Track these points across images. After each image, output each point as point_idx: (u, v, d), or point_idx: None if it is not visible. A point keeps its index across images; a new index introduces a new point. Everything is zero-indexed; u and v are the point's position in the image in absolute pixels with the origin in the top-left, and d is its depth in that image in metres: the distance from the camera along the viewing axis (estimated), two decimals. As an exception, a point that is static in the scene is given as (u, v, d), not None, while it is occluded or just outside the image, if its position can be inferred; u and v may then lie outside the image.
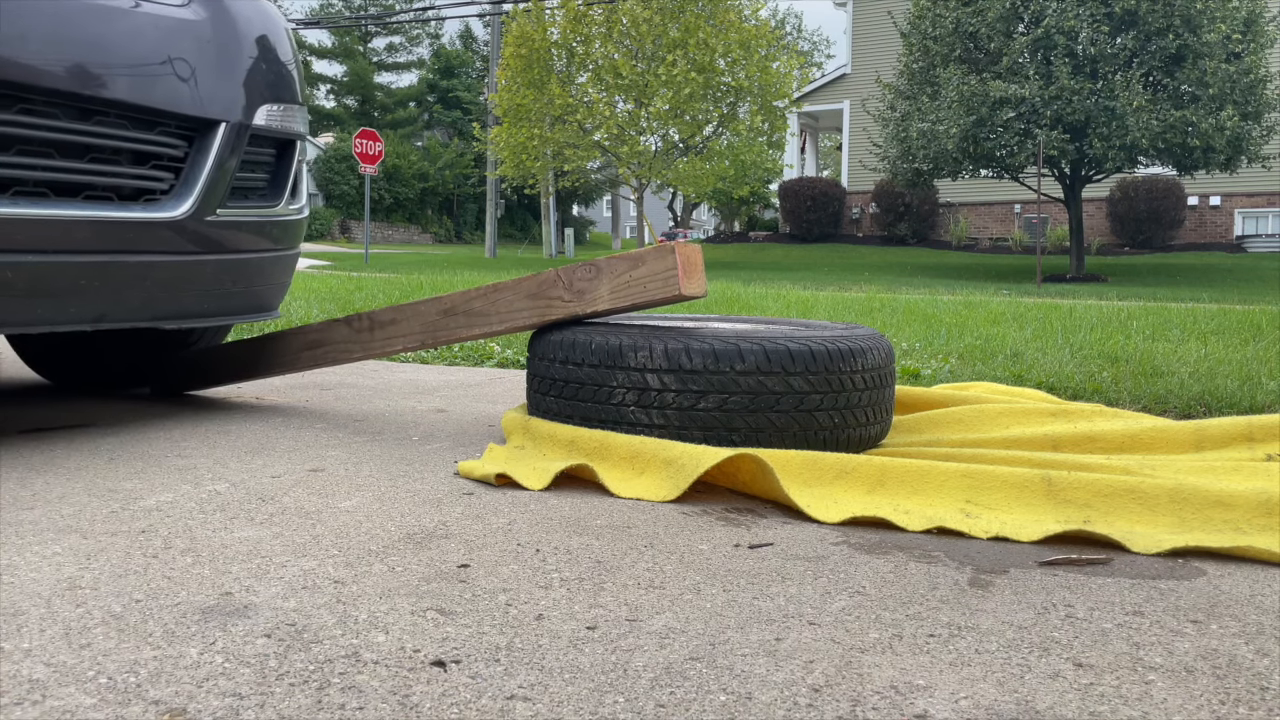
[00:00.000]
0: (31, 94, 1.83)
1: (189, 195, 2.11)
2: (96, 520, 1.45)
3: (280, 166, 2.39)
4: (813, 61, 43.91)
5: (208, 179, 2.13)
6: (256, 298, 2.38)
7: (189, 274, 2.16)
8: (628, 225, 45.02)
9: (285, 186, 2.40)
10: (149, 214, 2.04)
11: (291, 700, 0.89)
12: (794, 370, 1.75)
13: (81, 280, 1.94)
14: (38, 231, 1.85)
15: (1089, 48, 13.60)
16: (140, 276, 2.05)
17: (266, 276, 2.39)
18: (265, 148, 2.32)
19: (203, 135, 2.14)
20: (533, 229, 41.24)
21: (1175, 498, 1.47)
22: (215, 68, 2.14)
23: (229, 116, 2.16)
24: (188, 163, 2.13)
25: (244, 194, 2.29)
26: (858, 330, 1.94)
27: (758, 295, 7.49)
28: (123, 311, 2.05)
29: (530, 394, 2.01)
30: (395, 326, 2.25)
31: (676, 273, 1.85)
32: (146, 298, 2.09)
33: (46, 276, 1.89)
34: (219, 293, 2.25)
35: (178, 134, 2.11)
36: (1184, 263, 17.57)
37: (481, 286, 2.10)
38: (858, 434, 1.85)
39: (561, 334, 1.91)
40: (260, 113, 2.24)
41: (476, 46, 49.62)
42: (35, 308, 1.89)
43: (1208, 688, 0.95)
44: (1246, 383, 2.89)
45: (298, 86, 2.38)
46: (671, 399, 1.76)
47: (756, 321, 2.29)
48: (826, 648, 1.03)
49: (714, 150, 19.42)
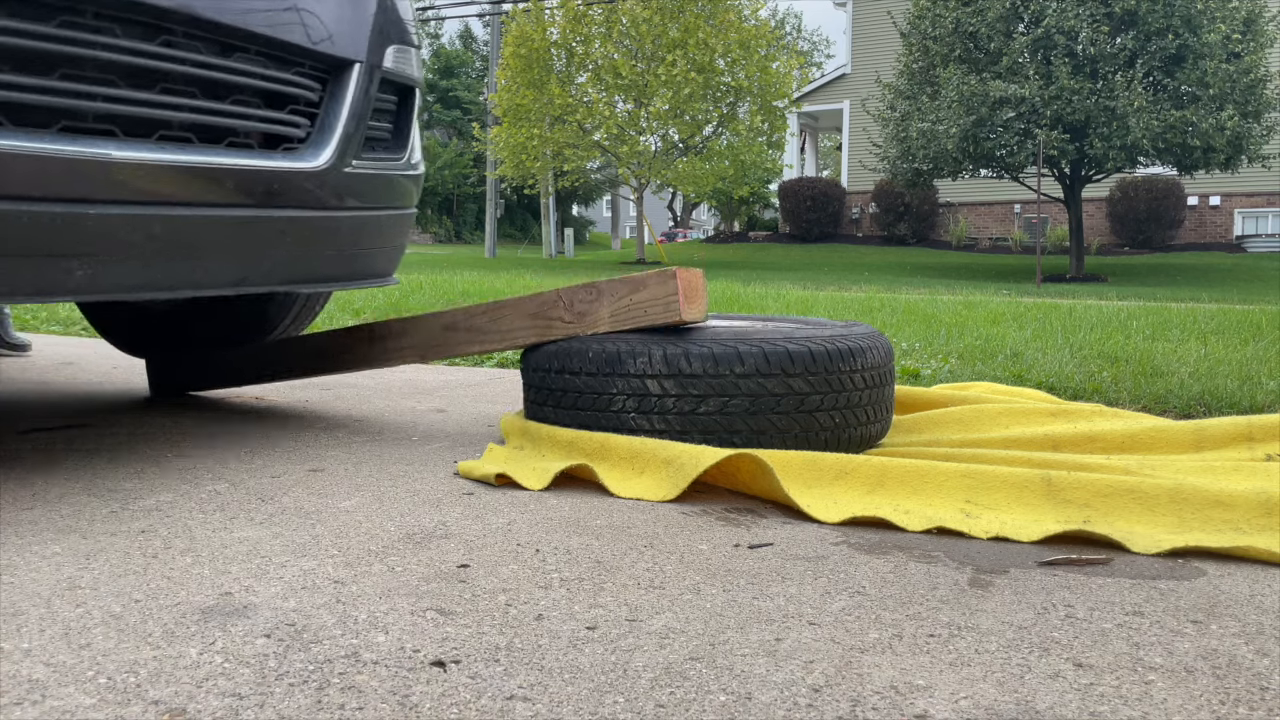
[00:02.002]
0: (172, 23, 1.65)
1: (327, 143, 1.94)
2: (96, 520, 1.45)
3: (402, 116, 2.21)
4: (812, 61, 43.93)
5: (345, 126, 1.96)
6: (378, 261, 2.20)
7: (326, 232, 2.00)
8: (627, 225, 45.01)
9: (408, 137, 2.22)
10: (290, 164, 1.87)
11: (291, 700, 0.89)
12: (794, 372, 1.75)
13: (226, 237, 1.78)
14: (183, 181, 1.68)
15: (1089, 48, 13.60)
16: (281, 233, 1.89)
17: (390, 237, 2.21)
18: (389, 94, 2.15)
19: (336, 77, 1.97)
20: (532, 229, 41.25)
21: (1175, 498, 1.47)
22: (346, 3, 1.97)
23: (361, 57, 1.99)
24: (323, 108, 1.96)
25: (372, 145, 2.11)
26: (856, 328, 1.94)
27: (757, 295, 7.49)
28: (261, 274, 1.89)
29: (528, 405, 2.00)
30: (397, 339, 2.25)
31: (678, 298, 1.85)
32: (285, 258, 1.92)
33: (192, 232, 1.71)
34: (350, 254, 2.08)
35: (313, 74, 1.95)
36: (1184, 263, 17.57)
37: (484, 304, 2.09)
38: (859, 433, 1.85)
39: (557, 344, 1.91)
40: (388, 54, 2.06)
41: (476, 46, 49.63)
42: (179, 269, 1.72)
43: (1208, 688, 0.95)
44: (1246, 383, 2.89)
45: (415, 29, 2.20)
46: (672, 404, 1.76)
47: (753, 319, 2.29)
48: (826, 648, 1.03)
49: (714, 150, 19.42)
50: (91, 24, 1.56)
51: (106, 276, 1.61)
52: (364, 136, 2.03)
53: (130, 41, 1.60)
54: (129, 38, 1.60)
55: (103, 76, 1.59)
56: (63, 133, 1.53)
